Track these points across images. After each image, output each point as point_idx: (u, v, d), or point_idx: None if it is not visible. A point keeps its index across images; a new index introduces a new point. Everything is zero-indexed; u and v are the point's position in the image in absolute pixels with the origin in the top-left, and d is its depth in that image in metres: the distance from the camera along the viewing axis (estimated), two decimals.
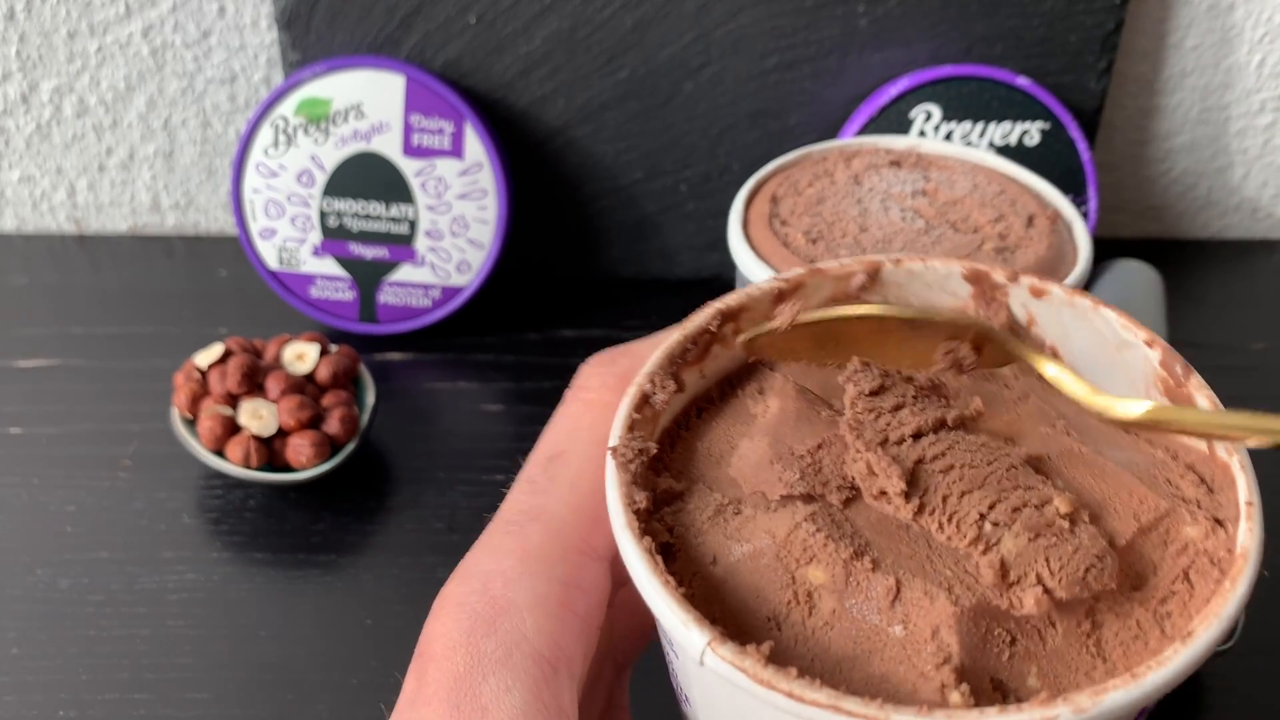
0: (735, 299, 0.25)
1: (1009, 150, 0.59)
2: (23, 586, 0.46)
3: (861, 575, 0.21)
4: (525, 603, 0.23)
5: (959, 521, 0.21)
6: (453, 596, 0.23)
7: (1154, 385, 0.24)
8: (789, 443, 0.23)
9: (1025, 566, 0.20)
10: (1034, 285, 0.25)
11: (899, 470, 0.21)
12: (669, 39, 0.58)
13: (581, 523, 0.24)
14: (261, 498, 0.50)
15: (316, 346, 0.52)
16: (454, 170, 0.58)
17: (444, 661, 0.22)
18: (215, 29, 0.62)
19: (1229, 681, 0.43)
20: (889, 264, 0.26)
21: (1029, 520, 0.21)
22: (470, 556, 0.24)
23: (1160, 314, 0.57)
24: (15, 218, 0.68)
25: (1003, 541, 0.21)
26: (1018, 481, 0.22)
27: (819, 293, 0.26)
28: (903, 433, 0.22)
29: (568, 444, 0.25)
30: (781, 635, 0.21)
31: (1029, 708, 0.18)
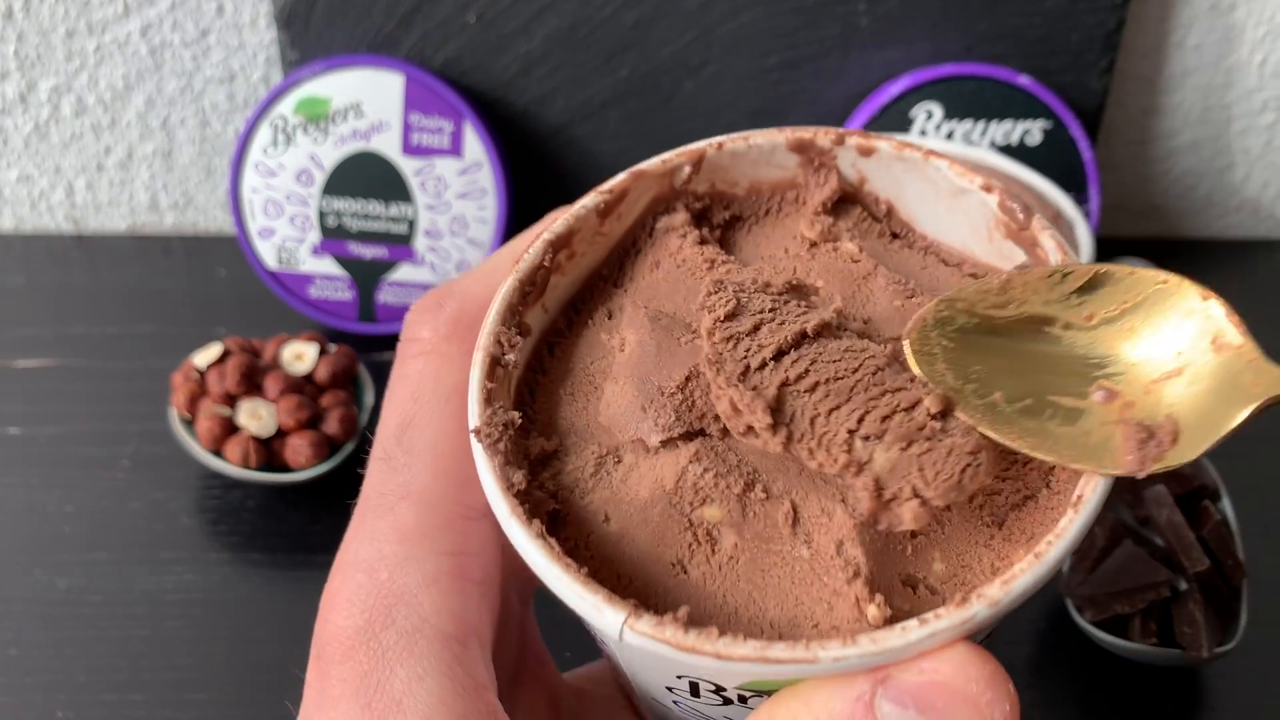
0: (562, 225, 0.24)
1: (1010, 149, 0.59)
2: (21, 587, 0.46)
3: (757, 505, 0.21)
4: (417, 584, 0.22)
5: (829, 445, 0.21)
6: (339, 593, 0.22)
7: (995, 229, 0.24)
8: (655, 380, 0.22)
9: (900, 480, 0.20)
10: (860, 144, 0.25)
11: (762, 403, 0.21)
12: (669, 37, 0.58)
13: (451, 487, 0.23)
14: (260, 498, 0.50)
15: (315, 346, 0.51)
16: (453, 169, 0.58)
17: (345, 662, 0.21)
18: (214, 28, 0.61)
19: (1228, 681, 0.43)
20: (711, 149, 0.25)
21: (900, 428, 0.20)
22: (346, 548, 0.23)
23: None
24: (13, 217, 0.68)
25: (874, 458, 0.20)
26: (885, 385, 0.21)
27: (645, 195, 0.25)
28: (763, 356, 0.21)
29: (414, 409, 0.23)
30: (688, 579, 0.21)
31: (946, 614, 0.19)
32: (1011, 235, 0.24)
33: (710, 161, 0.25)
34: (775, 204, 0.26)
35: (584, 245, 0.25)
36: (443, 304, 0.24)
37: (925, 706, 0.18)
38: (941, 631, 0.18)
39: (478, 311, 0.23)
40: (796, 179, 0.25)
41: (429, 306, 0.24)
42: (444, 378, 0.23)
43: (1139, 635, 0.41)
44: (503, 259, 0.25)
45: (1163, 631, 0.42)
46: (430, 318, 0.24)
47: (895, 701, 0.19)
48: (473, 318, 0.24)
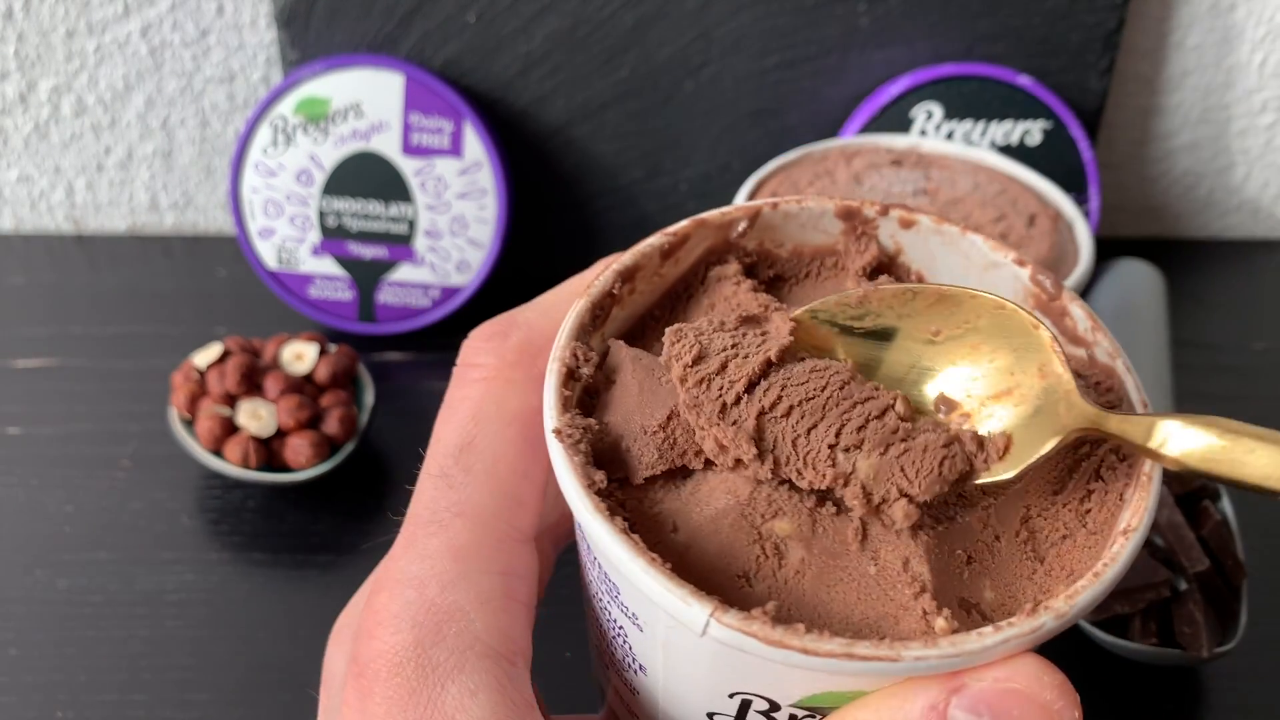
0: (630, 259, 0.25)
1: (1010, 149, 0.59)
2: (21, 587, 0.46)
3: (827, 520, 0.22)
4: (470, 602, 0.22)
5: (814, 463, 0.21)
6: (386, 608, 0.22)
7: (1025, 300, 0.26)
8: (638, 420, 0.23)
9: (885, 484, 0.21)
10: (903, 217, 0.26)
11: (745, 436, 0.22)
12: (669, 38, 0.58)
13: (506, 509, 0.23)
14: (260, 498, 0.50)
15: (315, 346, 0.51)
16: (453, 169, 0.58)
17: (393, 678, 0.21)
18: (214, 28, 0.61)
19: (1229, 681, 0.43)
20: (767, 208, 0.26)
21: (875, 435, 0.21)
22: (393, 565, 0.23)
23: (1161, 313, 0.57)
24: (13, 217, 0.68)
25: (858, 467, 0.21)
26: (853, 397, 0.22)
27: (703, 243, 0.26)
28: (736, 391, 0.22)
29: (476, 429, 0.24)
30: (753, 592, 0.21)
31: (1018, 622, 0.20)
32: (1041, 305, 0.25)
33: (764, 219, 0.26)
34: (816, 268, 0.27)
35: (643, 283, 0.26)
36: (508, 333, 0.25)
37: (1000, 713, 0.19)
38: (1014, 639, 0.19)
39: (542, 343, 0.24)
40: (837, 245, 0.27)
41: (493, 335, 0.25)
42: (507, 403, 0.24)
43: (1139, 635, 0.41)
44: (561, 295, 0.26)
45: (1163, 631, 0.42)
46: (495, 345, 0.24)
47: (969, 709, 0.19)
48: (537, 348, 0.24)
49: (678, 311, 0.26)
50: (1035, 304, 0.25)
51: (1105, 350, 0.25)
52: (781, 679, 0.20)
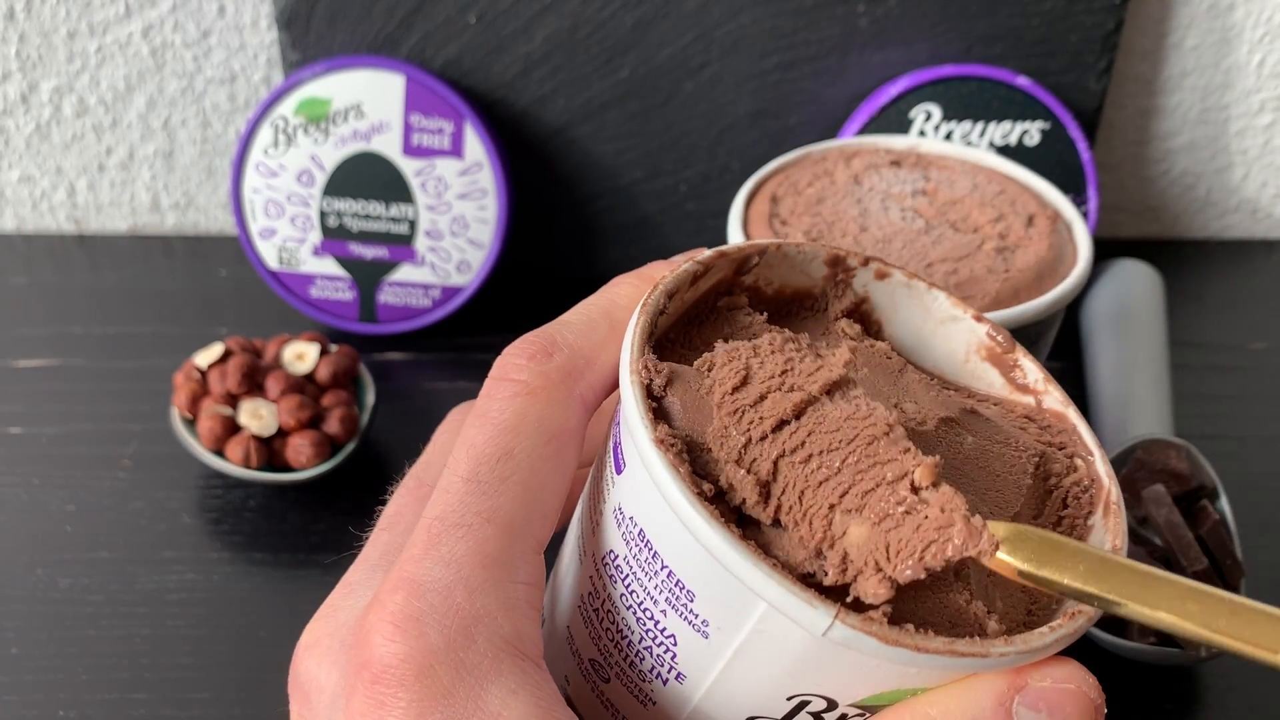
0: (672, 281, 0.26)
1: (1009, 150, 0.59)
2: (22, 586, 0.46)
3: None
4: (497, 607, 0.22)
5: (811, 519, 0.22)
6: (404, 611, 0.22)
7: (975, 352, 0.28)
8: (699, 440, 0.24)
9: (866, 556, 0.22)
10: (879, 269, 0.28)
11: (753, 481, 0.22)
12: (669, 39, 0.58)
13: (534, 521, 0.23)
14: (261, 497, 0.50)
15: (316, 346, 0.52)
16: (454, 170, 0.58)
17: (422, 682, 0.21)
18: (215, 29, 0.61)
19: (1229, 681, 0.43)
20: (772, 248, 0.27)
21: (878, 503, 0.22)
22: (413, 567, 0.22)
23: (1160, 314, 0.57)
24: (15, 217, 0.68)
25: (849, 532, 0.22)
26: (876, 457, 0.22)
27: (717, 275, 0.27)
28: (764, 429, 0.23)
29: (515, 441, 0.24)
30: None
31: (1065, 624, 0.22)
32: (993, 358, 0.28)
33: (768, 258, 0.27)
34: (795, 308, 0.28)
35: (675, 305, 0.26)
36: (551, 353, 0.25)
37: (1057, 710, 0.21)
38: (1064, 637, 0.22)
39: (583, 366, 0.25)
40: (814, 289, 0.28)
41: (535, 354, 0.25)
42: (547, 420, 0.24)
43: (1138, 635, 0.42)
44: (593, 315, 0.26)
45: (1161, 631, 0.42)
46: (537, 365, 0.25)
47: (1031, 706, 0.21)
48: (579, 371, 0.25)
49: (691, 336, 0.27)
50: (988, 356, 0.28)
51: (1056, 399, 0.27)
52: (860, 678, 0.22)
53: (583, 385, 0.25)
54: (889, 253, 0.43)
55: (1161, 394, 0.52)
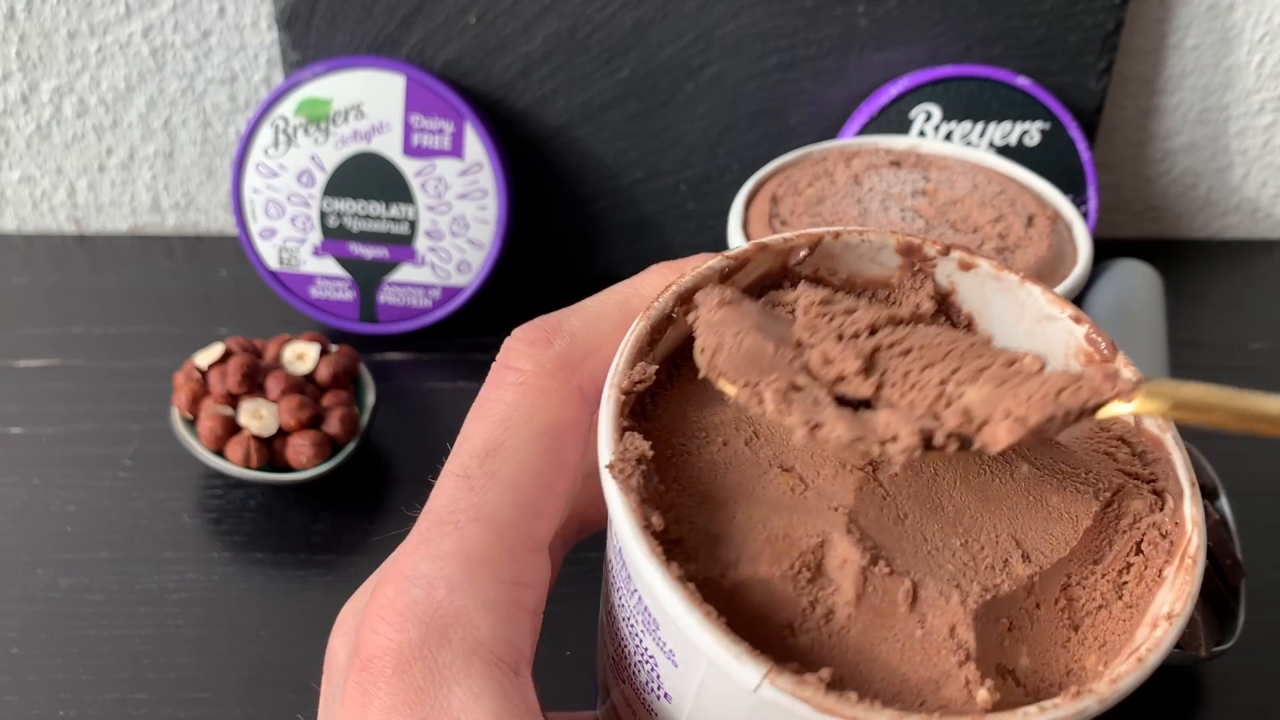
0: (690, 281, 0.24)
1: (1009, 150, 0.59)
2: (23, 586, 0.46)
3: (879, 579, 0.21)
4: (476, 607, 0.22)
5: (921, 387, 0.21)
6: (392, 604, 0.22)
7: (1074, 357, 0.25)
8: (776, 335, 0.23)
9: (991, 407, 0.20)
10: (963, 259, 0.26)
11: (853, 351, 0.21)
12: (669, 39, 0.58)
13: (524, 518, 0.23)
14: (262, 498, 0.50)
15: (316, 346, 0.52)
16: (454, 170, 0.58)
17: (400, 676, 0.21)
18: (215, 29, 0.62)
19: (1229, 681, 0.43)
20: (829, 237, 0.26)
21: (994, 374, 0.21)
22: (402, 559, 0.23)
23: (1160, 314, 0.57)
24: (15, 218, 0.68)
25: (967, 394, 0.20)
26: (983, 353, 0.21)
27: (761, 267, 0.26)
28: (857, 327, 0.22)
29: (505, 435, 0.23)
30: (797, 642, 0.21)
31: (1063, 704, 0.20)
32: (1091, 363, 0.25)
33: (824, 248, 0.26)
34: (867, 299, 0.26)
35: None
36: (551, 340, 0.24)
37: None
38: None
39: (584, 354, 0.24)
40: (892, 279, 0.26)
41: (536, 340, 0.24)
42: (540, 413, 0.23)
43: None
44: (608, 305, 0.25)
45: None
46: (537, 352, 0.24)
47: None
48: (578, 360, 0.24)
49: None
50: (1087, 363, 0.25)
51: (1155, 421, 0.24)
52: None
53: (582, 375, 0.24)
54: None
55: None
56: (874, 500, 0.22)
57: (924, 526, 0.22)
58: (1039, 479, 0.23)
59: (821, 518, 0.22)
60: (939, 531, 0.22)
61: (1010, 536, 0.23)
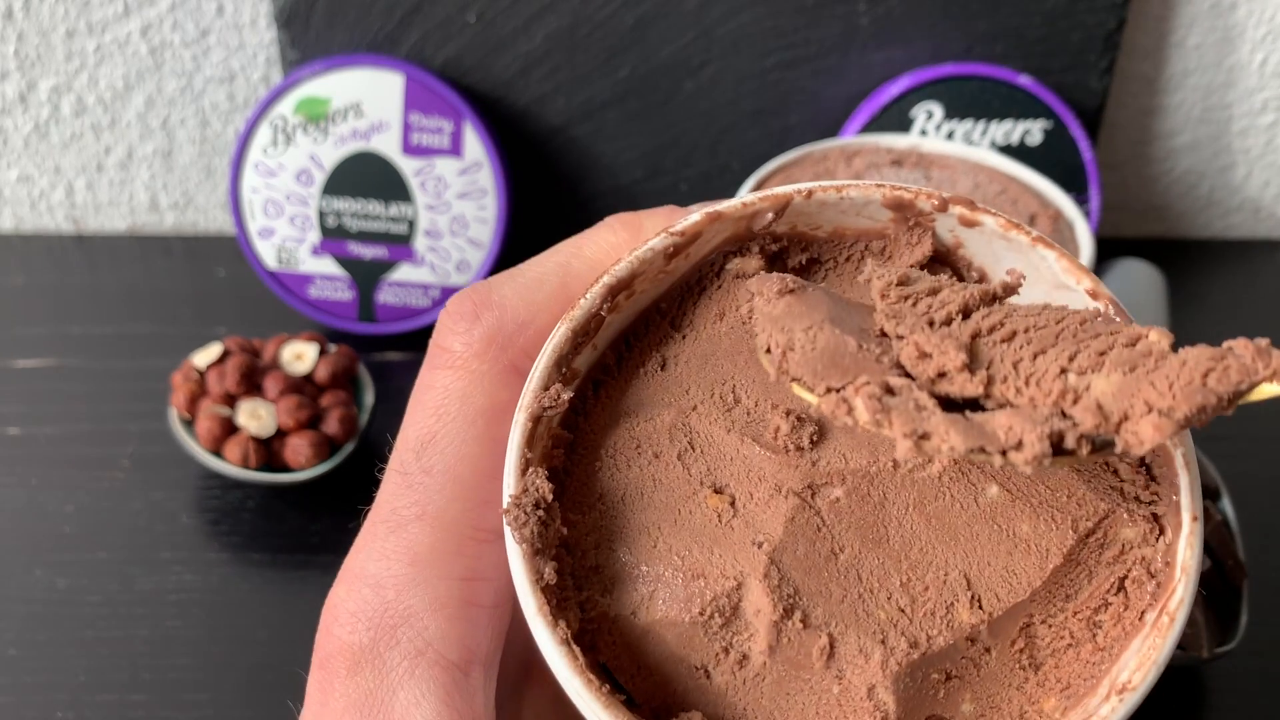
0: (624, 269, 0.22)
1: (1011, 149, 0.59)
2: (21, 587, 0.46)
3: (793, 634, 0.20)
4: (424, 607, 0.21)
5: (1038, 380, 0.18)
6: (344, 604, 0.22)
7: None
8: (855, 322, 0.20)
9: (1128, 399, 0.17)
10: (963, 214, 0.22)
11: (954, 342, 0.18)
12: (669, 38, 0.58)
13: (469, 510, 0.22)
14: (260, 498, 0.50)
15: (315, 346, 0.51)
16: (453, 169, 0.58)
17: (351, 677, 0.21)
18: (214, 28, 0.61)
19: (1229, 681, 0.43)
20: (798, 196, 0.22)
21: (1119, 358, 0.17)
22: (354, 559, 0.22)
23: (1162, 313, 0.57)
24: (13, 217, 0.68)
25: (1094, 385, 0.17)
26: (1096, 330, 0.18)
27: (719, 236, 0.23)
28: (948, 311, 0.19)
29: (438, 425, 0.22)
30: (711, 685, 0.20)
31: None
32: None
33: (795, 207, 0.23)
34: (859, 250, 0.23)
35: (645, 284, 0.23)
36: (479, 315, 0.22)
37: None
38: None
39: (514, 329, 0.22)
40: (886, 230, 0.23)
41: (465, 314, 0.23)
42: (470, 398, 0.22)
43: None
44: (547, 270, 0.23)
45: None
46: (465, 328, 0.22)
47: None
48: (509, 335, 0.22)
49: (686, 310, 0.23)
50: None
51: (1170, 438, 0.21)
52: None
53: (514, 352, 0.22)
54: None
55: None
56: (806, 533, 0.20)
57: (860, 563, 0.20)
58: (1009, 504, 0.20)
59: (743, 555, 0.20)
60: (878, 568, 0.20)
61: (962, 575, 0.20)
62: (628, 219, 0.24)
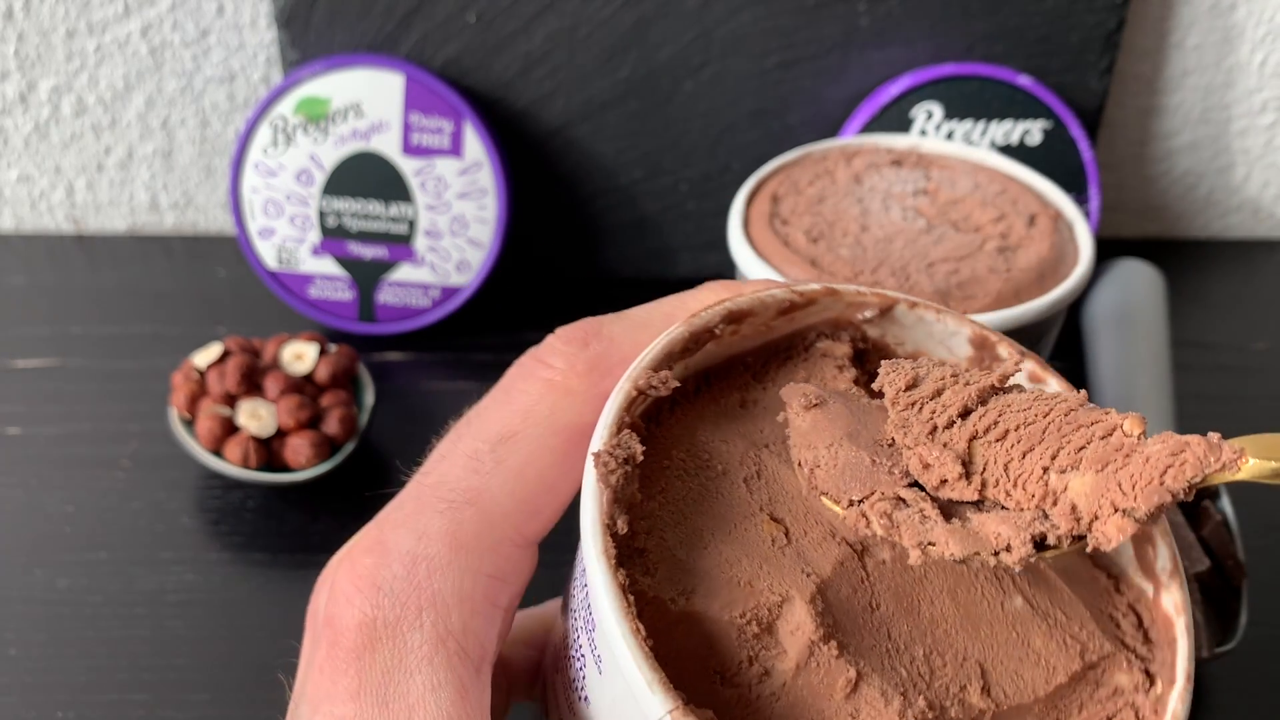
0: (745, 302, 0.24)
1: (1010, 149, 0.59)
2: (21, 587, 0.46)
3: (825, 658, 0.21)
4: (452, 595, 0.21)
5: (1024, 483, 0.20)
6: (369, 576, 0.22)
7: None
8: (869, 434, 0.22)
9: (1098, 500, 0.19)
10: (1034, 372, 0.24)
11: (952, 455, 0.20)
12: (669, 38, 0.58)
13: (520, 513, 0.23)
14: (260, 498, 0.50)
15: (315, 346, 0.51)
16: (453, 169, 0.58)
17: (367, 654, 0.21)
18: (214, 28, 0.61)
19: (1228, 681, 0.43)
20: (904, 304, 0.25)
21: (1095, 453, 0.20)
22: (389, 529, 0.22)
23: (1161, 314, 0.57)
24: (13, 217, 0.68)
25: (1070, 486, 0.20)
26: (1079, 421, 0.20)
27: (826, 312, 0.25)
28: (949, 415, 0.21)
29: (522, 425, 0.23)
30: (722, 692, 0.20)
31: None
32: None
33: (895, 315, 0.25)
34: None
35: (749, 328, 0.24)
36: (587, 342, 0.24)
37: None
38: None
39: (618, 361, 0.23)
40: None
41: (575, 339, 0.24)
42: (560, 412, 0.23)
43: None
44: (654, 316, 0.24)
45: None
46: (572, 351, 0.24)
47: None
48: (611, 366, 0.23)
49: (771, 368, 0.25)
50: None
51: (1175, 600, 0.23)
52: None
53: (610, 381, 0.23)
54: (890, 252, 0.42)
55: (1163, 394, 0.51)
56: (850, 580, 0.22)
57: (892, 624, 0.21)
58: (1029, 617, 0.22)
59: (791, 578, 0.21)
60: (906, 634, 0.21)
61: (977, 663, 0.22)
62: (730, 284, 0.25)
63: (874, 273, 0.41)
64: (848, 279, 0.41)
